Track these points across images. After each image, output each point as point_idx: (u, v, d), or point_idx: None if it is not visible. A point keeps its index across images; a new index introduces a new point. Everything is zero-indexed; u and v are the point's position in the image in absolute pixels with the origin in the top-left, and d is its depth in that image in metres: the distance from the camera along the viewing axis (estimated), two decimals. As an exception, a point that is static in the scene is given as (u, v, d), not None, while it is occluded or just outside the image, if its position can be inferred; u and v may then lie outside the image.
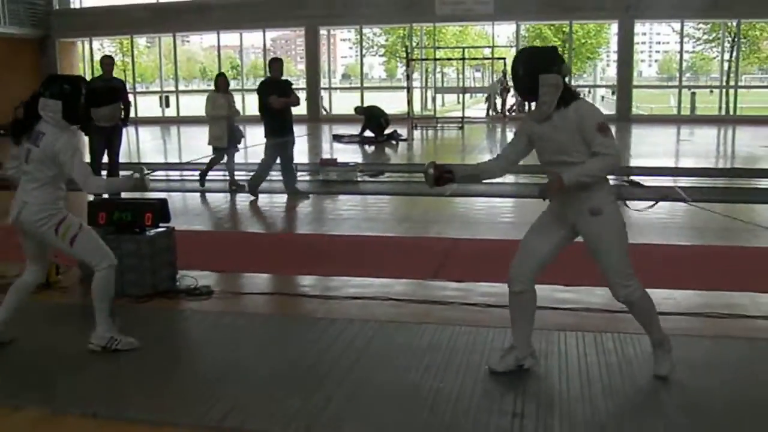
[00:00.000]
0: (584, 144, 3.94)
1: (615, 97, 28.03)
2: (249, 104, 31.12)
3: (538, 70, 4.00)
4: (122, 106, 10.92)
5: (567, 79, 4.09)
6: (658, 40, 77.98)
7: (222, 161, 12.00)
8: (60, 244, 4.73)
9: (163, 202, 6.29)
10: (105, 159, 10.67)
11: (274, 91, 10.74)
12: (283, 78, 11.25)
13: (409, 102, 25.38)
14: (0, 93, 5.22)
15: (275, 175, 11.28)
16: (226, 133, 11.73)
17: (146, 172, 4.89)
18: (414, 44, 29.75)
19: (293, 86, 11.45)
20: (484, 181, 4.66)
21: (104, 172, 10.34)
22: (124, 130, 11.02)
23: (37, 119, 4.65)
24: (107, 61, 11.25)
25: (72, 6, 32.08)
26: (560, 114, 4.00)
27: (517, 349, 4.36)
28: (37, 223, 4.64)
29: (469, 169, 4.55)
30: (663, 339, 4.27)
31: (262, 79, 11.76)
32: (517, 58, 4.16)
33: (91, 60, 31.47)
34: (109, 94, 10.70)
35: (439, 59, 32.17)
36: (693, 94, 28.97)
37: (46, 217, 4.64)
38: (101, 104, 10.48)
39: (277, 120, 10.75)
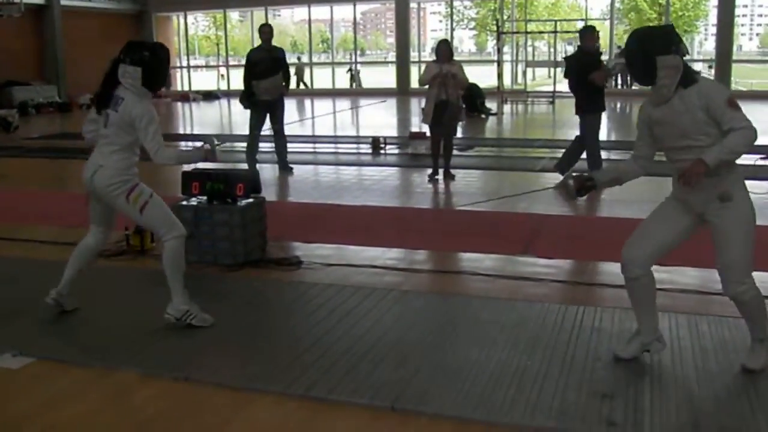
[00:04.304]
0: (709, 125, 3.71)
1: (713, 72, 27.04)
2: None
3: (655, 52, 3.76)
4: (283, 76, 10.73)
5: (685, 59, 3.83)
6: (760, 12, 75.00)
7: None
8: (130, 211, 4.75)
9: (255, 174, 6.38)
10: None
11: (590, 66, 9.61)
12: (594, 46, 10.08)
13: (500, 76, 25.12)
14: (100, 66, 5.36)
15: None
16: (432, 110, 10.08)
17: (216, 142, 4.86)
18: (505, 17, 29.30)
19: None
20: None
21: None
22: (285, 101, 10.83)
23: (116, 85, 4.68)
24: (266, 30, 10.79)
25: (167, -19, 32.85)
26: (680, 96, 3.77)
27: (642, 334, 4.19)
28: (109, 188, 4.68)
29: (610, 174, 4.34)
30: (766, 337, 4.04)
31: (572, 52, 10.42)
32: (632, 39, 3.90)
33: (186, 34, 32.13)
34: (270, 65, 10.54)
35: (530, 32, 31.61)
36: (798, 68, 27.78)
37: (120, 182, 4.68)
38: (261, 77, 10.45)
39: (599, 95, 9.73)
